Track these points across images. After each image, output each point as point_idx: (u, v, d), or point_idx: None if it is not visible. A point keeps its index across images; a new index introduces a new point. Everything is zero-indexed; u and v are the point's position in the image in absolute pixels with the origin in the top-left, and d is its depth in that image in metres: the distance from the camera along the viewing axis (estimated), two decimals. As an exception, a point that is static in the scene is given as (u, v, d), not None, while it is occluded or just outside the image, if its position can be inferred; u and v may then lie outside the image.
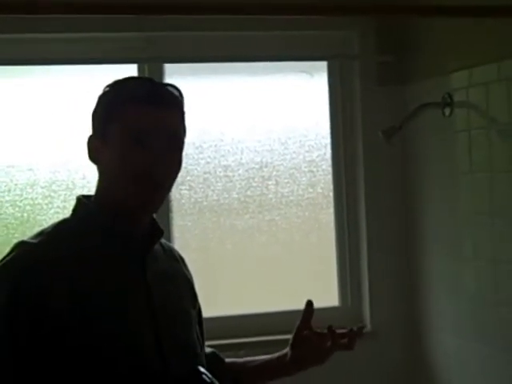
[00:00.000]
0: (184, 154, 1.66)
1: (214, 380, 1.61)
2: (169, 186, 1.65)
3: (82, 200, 1.68)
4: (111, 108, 1.62)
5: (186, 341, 1.70)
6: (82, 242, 1.60)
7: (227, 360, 1.91)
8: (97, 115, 1.66)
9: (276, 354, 1.86)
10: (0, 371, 1.49)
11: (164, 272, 1.71)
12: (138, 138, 1.58)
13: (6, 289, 1.51)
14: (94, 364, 1.51)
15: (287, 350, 1.83)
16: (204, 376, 1.61)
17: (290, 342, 1.82)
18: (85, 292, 1.53)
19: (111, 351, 1.53)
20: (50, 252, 1.56)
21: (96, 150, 1.64)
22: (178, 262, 1.82)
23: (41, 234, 1.61)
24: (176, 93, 1.65)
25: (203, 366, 1.68)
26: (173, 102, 1.64)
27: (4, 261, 1.56)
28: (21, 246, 1.58)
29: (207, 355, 1.83)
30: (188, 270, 1.85)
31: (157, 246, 1.72)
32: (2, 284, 1.53)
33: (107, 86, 1.67)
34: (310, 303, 1.82)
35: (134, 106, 1.59)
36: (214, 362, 1.84)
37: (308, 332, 1.81)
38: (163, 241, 1.78)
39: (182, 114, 1.66)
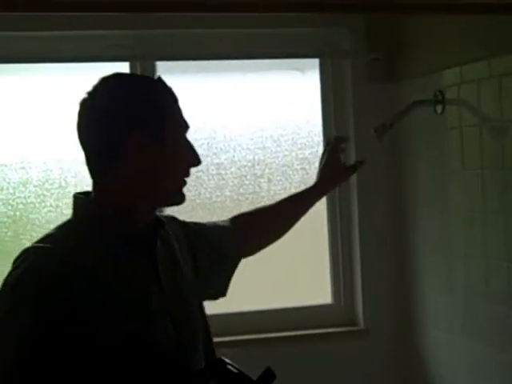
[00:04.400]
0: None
1: (241, 370, 1.52)
2: None
3: (87, 202, 1.65)
4: (163, 108, 1.65)
5: (198, 330, 1.74)
6: (97, 245, 1.58)
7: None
8: (148, 112, 1.63)
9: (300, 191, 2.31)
10: (27, 373, 1.46)
11: (172, 259, 1.74)
12: (185, 135, 1.70)
13: (31, 296, 1.47)
14: (120, 364, 1.51)
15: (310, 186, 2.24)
16: (229, 367, 1.53)
17: (323, 162, 2.23)
18: (107, 295, 1.53)
19: (135, 351, 1.53)
20: (68, 257, 1.53)
21: (142, 150, 1.61)
22: (180, 237, 1.86)
23: (48, 237, 1.59)
24: None
25: (213, 353, 1.71)
26: None
27: (21, 268, 1.51)
28: (33, 251, 1.55)
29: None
30: (193, 232, 1.97)
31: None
32: (27, 291, 1.48)
33: (138, 84, 1.71)
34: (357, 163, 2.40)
35: (176, 105, 1.69)
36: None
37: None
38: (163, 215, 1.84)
39: None
